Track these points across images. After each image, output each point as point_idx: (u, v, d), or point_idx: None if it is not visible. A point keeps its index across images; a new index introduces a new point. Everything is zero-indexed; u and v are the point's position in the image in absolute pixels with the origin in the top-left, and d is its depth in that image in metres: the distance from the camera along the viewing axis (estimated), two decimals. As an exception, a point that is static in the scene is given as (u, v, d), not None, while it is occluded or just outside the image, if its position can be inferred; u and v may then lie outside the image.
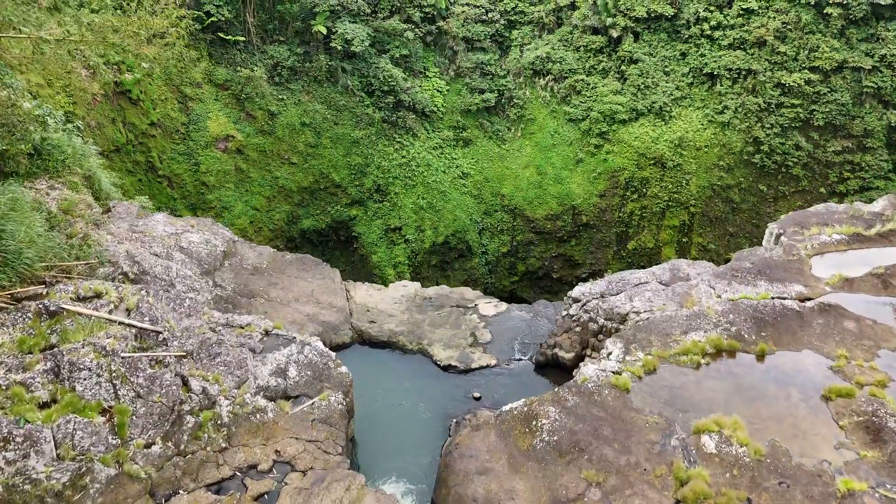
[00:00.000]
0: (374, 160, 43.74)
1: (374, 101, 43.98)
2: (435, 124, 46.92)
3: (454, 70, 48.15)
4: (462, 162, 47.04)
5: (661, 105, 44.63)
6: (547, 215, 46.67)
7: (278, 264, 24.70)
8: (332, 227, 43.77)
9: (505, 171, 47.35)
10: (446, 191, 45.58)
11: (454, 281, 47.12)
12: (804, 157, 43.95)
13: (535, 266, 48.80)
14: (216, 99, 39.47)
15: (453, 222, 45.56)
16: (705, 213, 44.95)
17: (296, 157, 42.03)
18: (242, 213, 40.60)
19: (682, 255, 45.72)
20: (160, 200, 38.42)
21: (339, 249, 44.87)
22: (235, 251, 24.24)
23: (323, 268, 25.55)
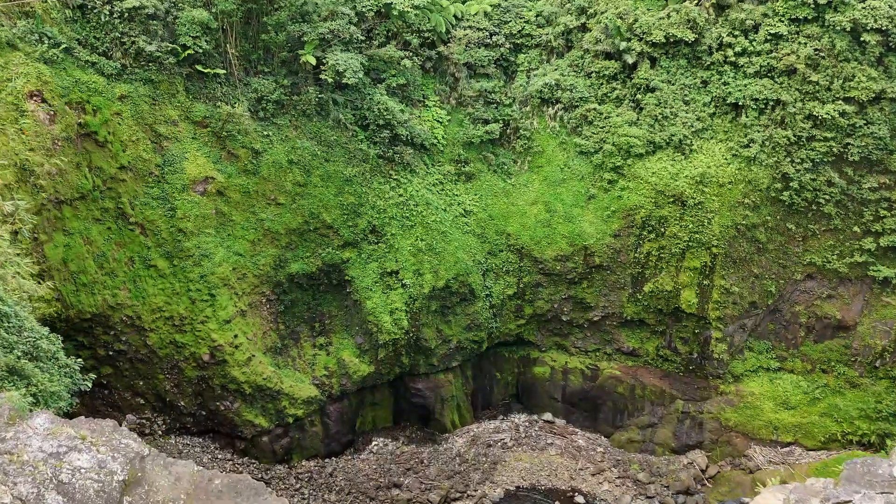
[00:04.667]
0: (369, 199, 40.28)
1: (369, 136, 40.55)
2: (435, 158, 43.47)
3: (456, 98, 44.70)
4: (464, 199, 43.57)
5: (681, 138, 41.05)
6: (556, 256, 43.11)
7: (202, 497, 17.10)
8: (323, 270, 40.33)
9: (511, 209, 43.84)
10: (447, 231, 42.09)
11: (456, 327, 43.61)
12: (837, 195, 40.36)
13: (544, 309, 45.24)
14: (194, 137, 36.08)
15: (455, 265, 42.05)
16: (728, 254, 41.35)
17: (283, 198, 38.59)
18: (224, 259, 37.17)
19: (703, 298, 42.14)
20: (132, 250, 35.07)
21: (331, 293, 41.44)
22: (142, 476, 17.67)
23: (264, 500, 18.10)
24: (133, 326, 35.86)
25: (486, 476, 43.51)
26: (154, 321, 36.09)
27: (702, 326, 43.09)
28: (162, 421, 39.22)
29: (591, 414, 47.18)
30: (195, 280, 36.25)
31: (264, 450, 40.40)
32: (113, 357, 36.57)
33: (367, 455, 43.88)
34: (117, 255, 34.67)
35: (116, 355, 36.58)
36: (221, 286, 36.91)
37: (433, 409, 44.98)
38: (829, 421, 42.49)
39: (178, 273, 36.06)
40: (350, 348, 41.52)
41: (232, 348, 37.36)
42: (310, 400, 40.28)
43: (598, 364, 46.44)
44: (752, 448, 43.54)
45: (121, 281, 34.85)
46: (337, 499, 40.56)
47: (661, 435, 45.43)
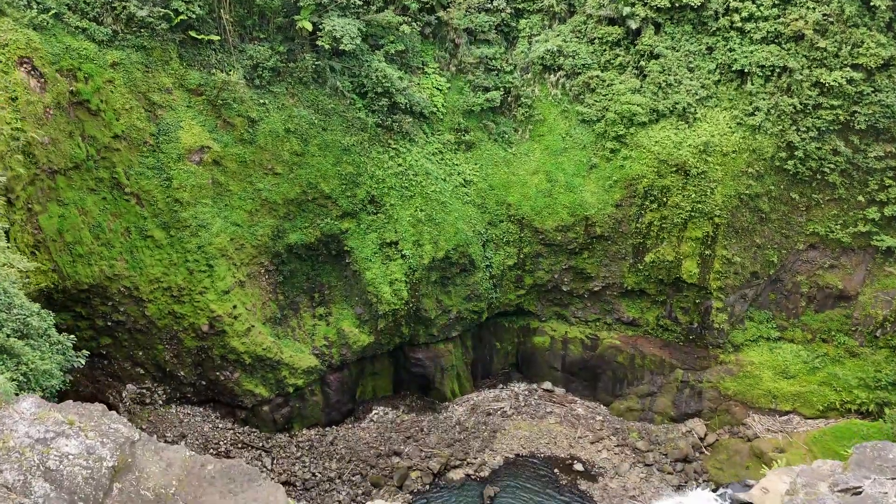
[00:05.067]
0: (367, 169, 39.73)
1: (367, 104, 39.81)
2: (434, 127, 42.76)
3: (455, 65, 43.79)
4: (464, 168, 42.97)
5: (685, 106, 40.30)
6: (557, 226, 42.71)
7: (194, 483, 16.90)
8: (321, 241, 40.00)
9: (511, 178, 43.29)
10: (447, 201, 41.62)
11: (456, 297, 43.44)
12: (842, 163, 39.78)
13: (544, 279, 45.03)
14: (189, 106, 35.42)
15: (455, 235, 41.68)
16: (731, 224, 40.93)
17: (280, 167, 38.07)
18: (221, 230, 36.83)
19: (705, 268, 41.87)
20: (128, 220, 34.73)
21: (330, 264, 41.18)
22: (133, 462, 16.45)
23: (258, 486, 17.55)
24: (131, 297, 35.70)
25: (486, 444, 43.81)
26: (152, 292, 35.92)
27: (702, 296, 42.91)
28: (162, 391, 39.35)
29: (590, 383, 47.32)
30: (193, 251, 35.95)
31: (265, 419, 40.61)
32: (112, 328, 36.50)
33: (368, 424, 44.14)
34: (113, 226, 34.33)
35: (115, 326, 36.50)
36: (219, 257, 36.63)
37: (433, 379, 45.11)
38: (827, 390, 42.57)
39: (176, 244, 35.76)
40: (350, 318, 41.42)
41: (231, 319, 37.25)
42: (310, 370, 40.34)
43: (597, 334, 46.41)
44: (750, 416, 43.73)
45: (117, 252, 34.57)
46: (338, 466, 40.91)
47: (660, 404, 45.62)
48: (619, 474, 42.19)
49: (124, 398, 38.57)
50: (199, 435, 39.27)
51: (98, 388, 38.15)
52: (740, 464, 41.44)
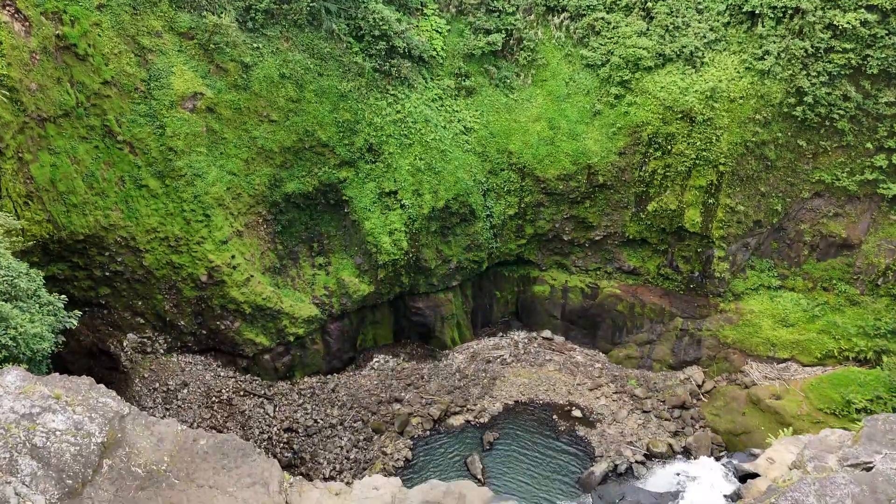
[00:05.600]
0: (365, 116, 38.78)
1: (364, 48, 38.54)
2: (434, 72, 41.53)
3: (456, 6, 42.23)
4: (465, 115, 41.97)
5: (692, 49, 39.01)
6: (559, 175, 42.03)
7: (186, 459, 16.57)
8: (319, 190, 39.42)
9: (513, 126, 42.32)
10: (447, 149, 40.80)
11: (456, 247, 43.10)
12: (852, 109, 38.79)
13: (545, 229, 44.62)
14: (180, 50, 34.25)
15: (455, 184, 41.04)
16: (735, 172, 40.24)
17: (276, 115, 37.15)
18: (217, 179, 36.22)
19: (708, 217, 41.39)
20: (122, 169, 34.08)
21: (329, 213, 40.70)
22: (122, 437, 16.05)
23: (252, 461, 17.19)
24: (128, 247, 35.38)
25: (486, 391, 44.28)
26: (149, 242, 35.57)
27: (704, 245, 42.57)
28: (163, 340, 39.47)
29: (589, 331, 47.51)
30: (189, 200, 35.44)
31: (266, 367, 40.90)
32: (110, 278, 36.31)
33: (369, 371, 44.51)
34: (107, 175, 33.70)
35: (113, 276, 36.31)
36: (216, 206, 36.13)
37: (433, 327, 45.25)
38: (826, 338, 42.69)
39: (171, 193, 35.21)
40: (349, 268, 41.21)
41: (230, 269, 37.04)
42: (310, 319, 40.38)
43: (598, 283, 46.30)
44: (748, 364, 44.00)
45: (112, 201, 34.05)
46: (339, 413, 41.43)
47: (659, 351, 45.89)
48: (616, 420, 42.76)
49: (125, 347, 38.72)
50: (201, 383, 39.59)
51: (99, 337, 38.25)
52: (737, 410, 41.93)
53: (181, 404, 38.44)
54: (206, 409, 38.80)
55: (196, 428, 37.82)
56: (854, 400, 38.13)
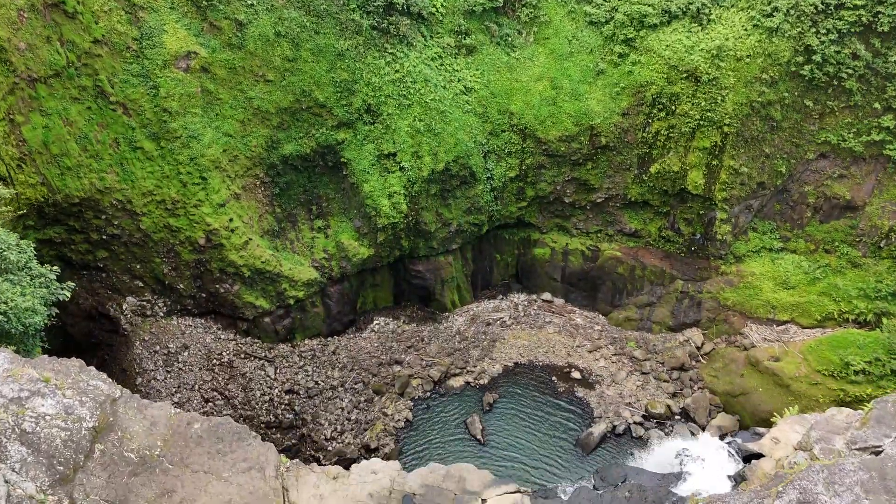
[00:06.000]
0: (363, 75, 37.93)
1: (362, 4, 37.44)
2: (433, 29, 40.47)
3: (456, -39, 40.89)
4: (465, 74, 41.05)
5: (699, 6, 37.93)
6: (561, 136, 41.36)
7: (180, 443, 16.12)
8: (317, 152, 38.85)
9: (514, 85, 41.45)
10: (447, 110, 40.03)
11: (456, 210, 42.68)
12: (861, 68, 37.89)
13: (546, 191, 44.15)
14: (172, 7, 33.28)
15: (455, 146, 40.41)
16: (740, 133, 39.56)
17: (271, 74, 36.33)
18: (213, 140, 35.63)
19: (711, 179, 40.88)
20: (116, 131, 33.49)
21: (327, 176, 40.20)
22: (115, 421, 15.52)
23: (248, 445, 16.68)
24: (124, 210, 35.03)
25: (486, 353, 44.48)
26: (145, 205, 35.21)
27: (707, 207, 42.17)
28: (163, 303, 39.43)
29: (589, 293, 47.46)
30: (185, 163, 34.92)
31: (267, 330, 40.96)
32: (107, 241, 36.05)
33: (369, 334, 44.63)
34: (101, 137, 33.13)
35: (111, 239, 36.04)
36: (213, 169, 35.63)
37: (433, 290, 45.18)
38: (827, 300, 42.62)
39: (167, 155, 34.68)
40: (349, 231, 40.91)
41: (228, 232, 36.75)
42: (310, 282, 40.26)
43: (598, 245, 46.05)
44: (748, 326, 44.06)
45: (107, 164, 33.56)
46: (340, 375, 41.68)
47: (658, 314, 45.91)
48: (615, 382, 43.04)
49: (125, 310, 38.70)
50: (202, 346, 39.71)
51: (98, 300, 38.20)
52: (736, 372, 42.15)
53: (182, 367, 38.61)
54: (207, 371, 39.00)
55: (198, 390, 38.15)
56: (852, 362, 38.25)
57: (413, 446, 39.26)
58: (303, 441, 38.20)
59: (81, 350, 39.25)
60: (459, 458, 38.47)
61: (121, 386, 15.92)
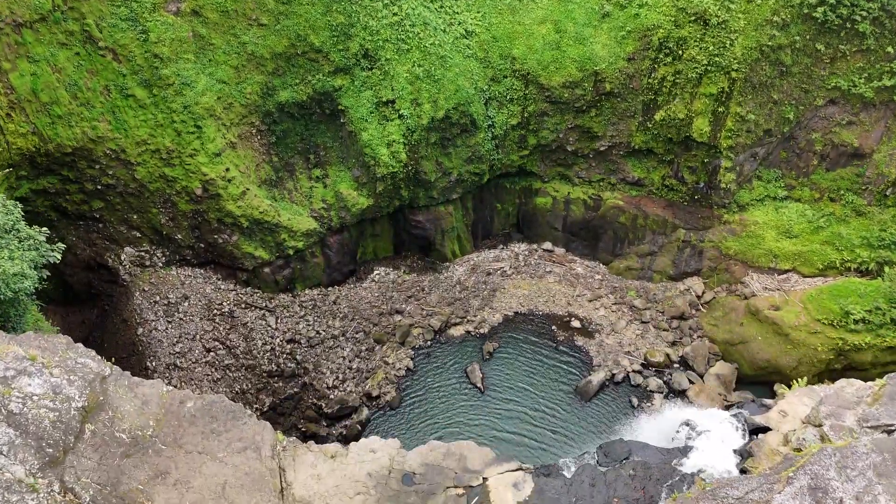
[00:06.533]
0: (360, 19, 36.61)
1: (358, -57, 35.84)
2: (433, -31, 38.86)
3: None
4: (466, 17, 39.65)
5: (710, -57, 36.28)
6: (564, 82, 40.26)
7: (173, 423, 15.53)
8: (314, 99, 37.88)
9: (516, 28, 40.09)
10: (447, 55, 38.83)
11: (456, 159, 41.94)
12: (875, 10, 36.54)
13: (549, 139, 43.30)
14: (159, -54, 31.82)
15: (455, 93, 39.38)
16: (748, 79, 38.46)
17: (265, 17, 35.07)
18: (207, 88, 34.69)
19: (717, 126, 40.00)
20: (106, 78, 32.55)
21: (325, 124, 39.33)
22: (105, 401, 14.80)
23: (243, 425, 16.14)
24: (118, 160, 34.40)
25: (486, 302, 44.53)
26: (140, 154, 34.55)
27: (711, 155, 41.43)
28: (161, 253, 39.20)
29: (590, 243, 47.18)
30: (178, 111, 34.08)
31: (267, 280, 40.86)
32: (102, 191, 35.55)
33: (369, 284, 44.57)
34: (91, 84, 32.22)
35: (105, 189, 35.53)
36: (207, 117, 34.80)
37: (433, 240, 44.88)
38: (829, 249, 42.35)
39: (160, 103, 33.81)
40: (347, 181, 40.30)
41: (224, 182, 36.20)
42: (309, 232, 39.93)
43: (600, 194, 45.49)
44: (749, 275, 43.93)
45: (98, 112, 32.76)
46: (341, 325, 41.82)
47: (659, 263, 45.74)
48: (615, 331, 43.22)
49: (123, 261, 38.51)
50: (202, 296, 39.68)
51: (96, 251, 37.95)
52: (735, 321, 42.26)
53: (182, 317, 38.67)
54: (208, 321, 39.08)
55: (199, 340, 38.30)
56: (853, 311, 38.28)
57: (414, 394, 39.71)
58: (305, 389, 38.60)
59: (81, 300, 39.29)
60: (459, 405, 38.96)
61: (110, 363, 15.42)
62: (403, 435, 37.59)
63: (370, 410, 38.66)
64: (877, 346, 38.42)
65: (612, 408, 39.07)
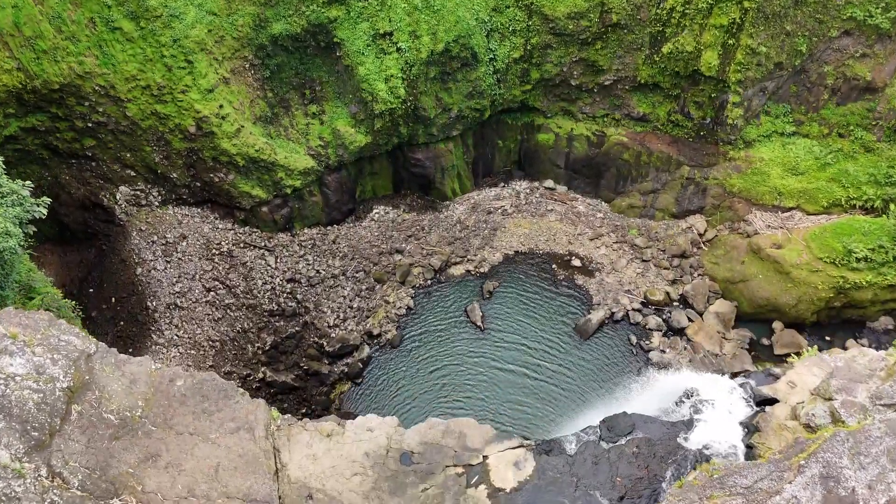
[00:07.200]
0: (355, -56, 34.75)
1: None
2: None
3: None
4: (466, -58, 37.61)
5: None
6: (569, 13, 38.61)
7: (163, 403, 14.77)
8: (308, 31, 36.42)
9: (519, -45, 38.12)
10: (446, -17, 37.06)
11: (456, 94, 40.69)
12: (899, -66, 34.67)
13: (552, 73, 41.93)
14: None
15: (455, 25, 37.81)
16: (761, 9, 36.86)
17: (255, -56, 33.28)
18: (197, 20, 33.28)
19: (726, 59, 38.62)
20: (91, 10, 31.17)
21: (320, 57, 37.98)
22: (91, 380, 14.00)
23: (235, 403, 15.39)
24: (108, 96, 33.38)
25: (486, 242, 44.23)
26: (130, 91, 33.50)
27: (719, 90, 40.21)
28: (157, 192, 38.64)
29: (593, 180, 46.46)
30: (168, 45, 32.80)
31: (265, 219, 40.43)
32: (93, 129, 34.68)
33: (369, 223, 44.15)
34: (75, 17, 30.87)
35: (97, 127, 34.65)
36: (198, 51, 33.52)
37: (433, 179, 44.15)
38: (835, 186, 41.71)
39: (148, 37, 32.49)
40: (345, 118, 39.25)
41: (218, 119, 35.24)
42: (306, 171, 39.21)
43: (604, 130, 44.44)
44: (752, 213, 43.44)
45: (84, 46, 31.53)
46: (341, 264, 41.66)
47: (662, 200, 45.16)
48: (615, 270, 43.09)
49: (119, 200, 37.99)
50: (200, 235, 39.35)
51: (90, 190, 37.38)
52: (737, 259, 42.05)
53: (181, 257, 38.45)
54: (207, 261, 38.88)
55: (198, 280, 38.20)
56: (855, 249, 38.03)
57: (414, 333, 39.95)
58: (306, 328, 38.78)
59: (78, 239, 38.99)
60: (460, 342, 39.27)
61: (95, 340, 14.71)
62: (404, 371, 38.06)
63: (371, 349, 38.98)
64: (877, 285, 38.35)
65: (611, 346, 39.38)
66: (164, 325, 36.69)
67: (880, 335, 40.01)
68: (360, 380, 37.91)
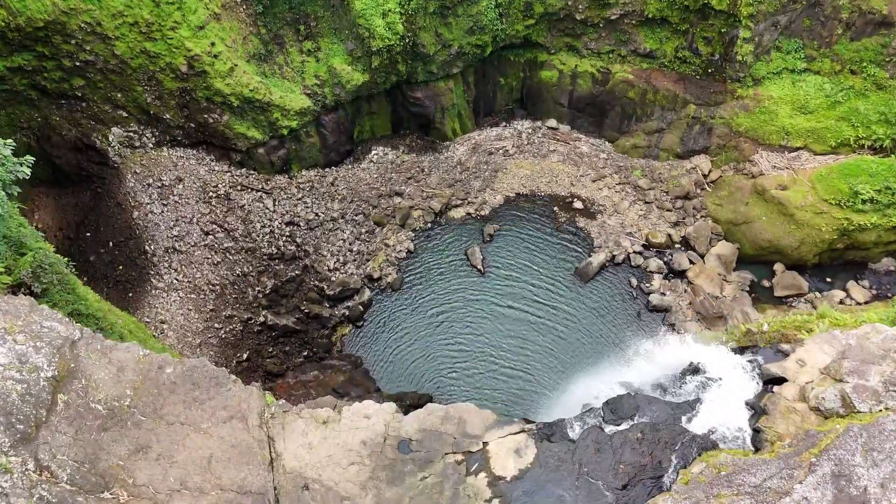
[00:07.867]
0: None
1: None
2: None
3: None
4: None
5: None
6: (574, -58, 36.74)
7: (153, 391, 14.13)
8: (302, -38, 34.74)
9: None
10: (446, -90, 35.10)
11: (456, 30, 39.20)
12: None
13: (556, 7, 40.30)
14: None
15: (455, -45, 36.04)
16: (777, -63, 35.09)
17: None
18: (184, -49, 31.65)
19: (738, -8, 37.01)
20: (71, -59, 29.52)
21: (315, -9, 36.39)
22: (77, 368, 13.34)
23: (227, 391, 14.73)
24: (95, 34, 32.14)
25: (487, 184, 43.58)
26: (117, 28, 32.23)
27: (730, 24, 38.72)
28: (150, 134, 37.76)
29: (597, 119, 45.40)
30: (154, -22, 31.34)
31: (262, 161, 39.68)
32: (81, 68, 33.55)
33: (368, 164, 43.38)
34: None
35: (85, 66, 33.51)
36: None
37: (433, 118, 43.10)
38: (844, 125, 40.75)
39: (133, -31, 31.01)
40: (341, 55, 37.94)
41: (211, 58, 34.05)
42: (303, 111, 38.20)
43: (609, 67, 43.08)
44: (758, 153, 42.61)
45: (67, -19, 30.09)
46: (340, 207, 41.16)
47: (667, 140, 44.25)
48: (617, 212, 42.62)
49: (112, 141, 37.15)
50: (196, 178, 38.69)
51: (81, 131, 36.50)
52: (741, 200, 41.53)
53: (178, 199, 37.92)
54: (205, 203, 38.37)
55: (196, 223, 37.79)
56: (861, 190, 37.49)
57: (415, 276, 39.84)
58: (306, 272, 38.63)
59: (73, 182, 38.36)
60: (461, 285, 39.20)
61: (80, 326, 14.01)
62: (406, 314, 38.15)
63: (372, 292, 38.95)
64: (882, 226, 37.98)
65: (611, 288, 39.34)
66: (163, 269, 36.51)
67: (881, 276, 39.90)
68: (362, 323, 38.03)
